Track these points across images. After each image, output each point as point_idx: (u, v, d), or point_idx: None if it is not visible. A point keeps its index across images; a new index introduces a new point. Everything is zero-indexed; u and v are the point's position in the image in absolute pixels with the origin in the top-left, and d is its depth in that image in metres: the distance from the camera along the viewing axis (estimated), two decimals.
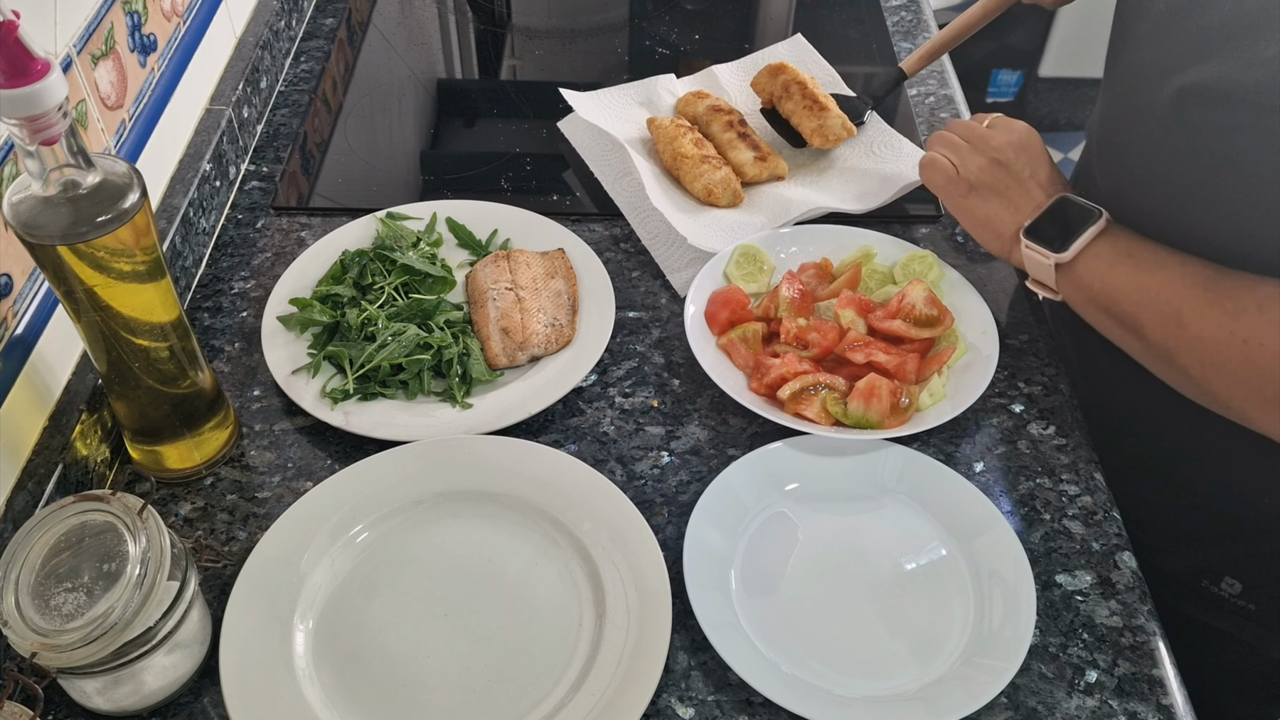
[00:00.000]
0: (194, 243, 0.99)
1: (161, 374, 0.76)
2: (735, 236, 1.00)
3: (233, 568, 0.78)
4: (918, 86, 1.24)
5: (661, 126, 1.10)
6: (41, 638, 0.61)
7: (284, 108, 1.21)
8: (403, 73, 1.28)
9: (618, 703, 0.69)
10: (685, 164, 1.06)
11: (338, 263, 0.97)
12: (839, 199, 1.05)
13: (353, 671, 0.72)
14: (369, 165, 1.14)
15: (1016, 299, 0.99)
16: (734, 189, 1.05)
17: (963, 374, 0.88)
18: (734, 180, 1.05)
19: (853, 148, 1.12)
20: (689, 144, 1.07)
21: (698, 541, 0.78)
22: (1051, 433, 0.88)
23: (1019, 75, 2.75)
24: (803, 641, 0.74)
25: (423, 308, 0.92)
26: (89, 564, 0.64)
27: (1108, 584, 0.78)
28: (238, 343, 0.95)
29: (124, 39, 0.91)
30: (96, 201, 0.65)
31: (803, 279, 0.95)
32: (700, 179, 1.05)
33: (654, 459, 0.86)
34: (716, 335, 0.92)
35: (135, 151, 0.93)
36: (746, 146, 1.08)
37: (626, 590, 0.75)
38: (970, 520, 0.80)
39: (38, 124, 0.60)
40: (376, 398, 0.88)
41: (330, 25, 1.34)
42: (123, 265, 0.68)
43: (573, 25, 1.39)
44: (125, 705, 0.69)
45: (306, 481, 0.84)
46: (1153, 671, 0.73)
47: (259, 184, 1.11)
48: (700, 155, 1.06)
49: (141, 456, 0.82)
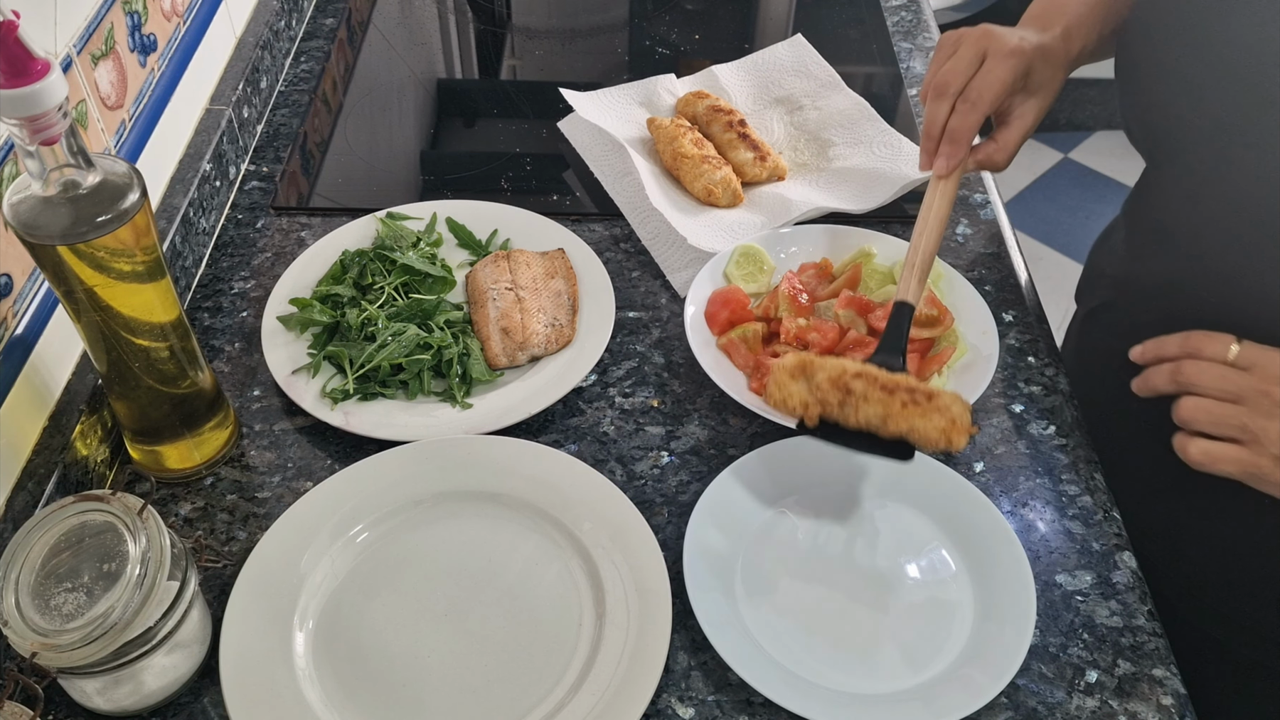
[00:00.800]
0: (194, 243, 0.99)
1: (161, 374, 0.76)
2: (735, 236, 1.00)
3: (233, 568, 0.78)
4: (918, 87, 1.24)
5: (661, 126, 1.10)
6: (41, 638, 0.61)
7: (284, 108, 1.21)
8: (403, 73, 1.28)
9: (618, 703, 0.69)
10: (685, 164, 1.06)
11: (338, 263, 0.97)
12: (839, 199, 1.05)
13: (353, 671, 0.72)
14: (369, 165, 1.14)
15: (1016, 299, 0.99)
16: (734, 189, 1.05)
17: (963, 374, 0.88)
18: (734, 180, 1.05)
19: (853, 148, 1.12)
20: (689, 144, 1.07)
21: (698, 541, 0.78)
22: (1051, 433, 0.88)
23: None
24: (803, 641, 0.74)
25: (423, 308, 0.92)
26: (89, 564, 0.64)
27: (1108, 584, 0.78)
28: (238, 343, 0.95)
29: (124, 39, 0.91)
30: (96, 201, 0.65)
31: (803, 279, 0.95)
32: (701, 179, 1.05)
33: (654, 459, 0.86)
34: (716, 335, 0.92)
35: (135, 151, 0.93)
36: (746, 147, 1.08)
37: (626, 590, 0.75)
38: (970, 520, 0.80)
39: (38, 124, 0.60)
40: (376, 398, 0.88)
41: (330, 25, 1.34)
42: (123, 265, 0.68)
43: (573, 25, 1.39)
44: (125, 705, 0.69)
45: (306, 481, 0.84)
46: (1153, 671, 0.73)
47: (259, 184, 1.11)
48: (701, 155, 1.06)
49: (141, 456, 0.82)
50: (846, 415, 0.75)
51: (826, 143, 1.13)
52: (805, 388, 0.76)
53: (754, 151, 1.07)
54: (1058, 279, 2.45)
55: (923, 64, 1.28)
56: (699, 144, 1.08)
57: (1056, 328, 1.00)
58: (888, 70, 1.27)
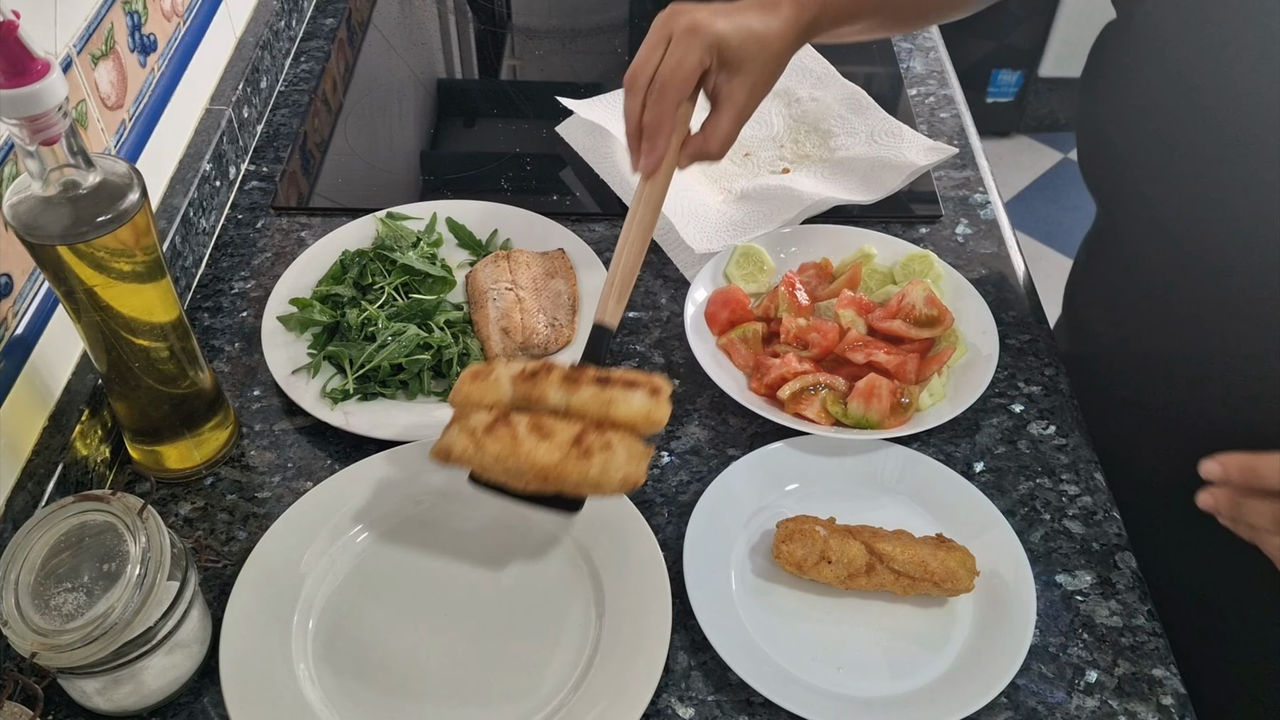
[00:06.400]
0: (194, 243, 0.99)
1: (161, 374, 0.76)
2: (739, 234, 1.00)
3: (233, 568, 0.78)
4: (918, 87, 1.24)
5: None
6: (41, 638, 0.61)
7: (284, 108, 1.21)
8: (403, 73, 1.28)
9: (618, 703, 0.69)
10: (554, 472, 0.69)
11: (338, 263, 0.97)
12: (847, 189, 1.05)
13: (353, 671, 0.72)
14: (369, 165, 1.14)
15: (1016, 299, 0.99)
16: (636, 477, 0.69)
17: (963, 374, 0.88)
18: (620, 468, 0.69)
19: (854, 137, 1.12)
20: (543, 453, 0.68)
21: (698, 541, 0.78)
22: (1051, 433, 0.88)
23: (1019, 75, 2.75)
24: (803, 641, 0.74)
25: (423, 308, 0.92)
26: (89, 564, 0.64)
27: (1108, 584, 0.78)
28: (238, 343, 0.95)
29: (124, 39, 0.91)
30: (96, 201, 0.65)
31: (803, 279, 0.95)
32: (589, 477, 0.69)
33: (654, 459, 0.86)
34: (716, 335, 0.92)
35: (135, 151, 0.93)
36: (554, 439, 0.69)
37: (626, 590, 0.75)
38: (970, 520, 0.80)
39: (38, 124, 0.60)
40: (376, 398, 0.88)
41: (330, 25, 1.34)
42: (123, 265, 0.68)
43: (573, 25, 1.39)
44: (125, 705, 0.69)
45: (306, 481, 0.84)
46: (1153, 671, 0.73)
47: (259, 184, 1.11)
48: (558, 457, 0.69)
49: (141, 456, 0.82)
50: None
51: (828, 133, 1.13)
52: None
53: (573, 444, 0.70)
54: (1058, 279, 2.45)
55: (923, 64, 1.28)
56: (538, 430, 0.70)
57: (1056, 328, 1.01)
58: (888, 70, 1.27)
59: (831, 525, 0.77)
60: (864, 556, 0.74)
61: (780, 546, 0.76)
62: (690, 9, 0.76)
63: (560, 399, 0.70)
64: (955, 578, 0.74)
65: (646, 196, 0.78)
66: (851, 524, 0.78)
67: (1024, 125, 2.90)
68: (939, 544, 0.76)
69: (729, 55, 0.76)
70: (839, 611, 0.76)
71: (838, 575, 0.75)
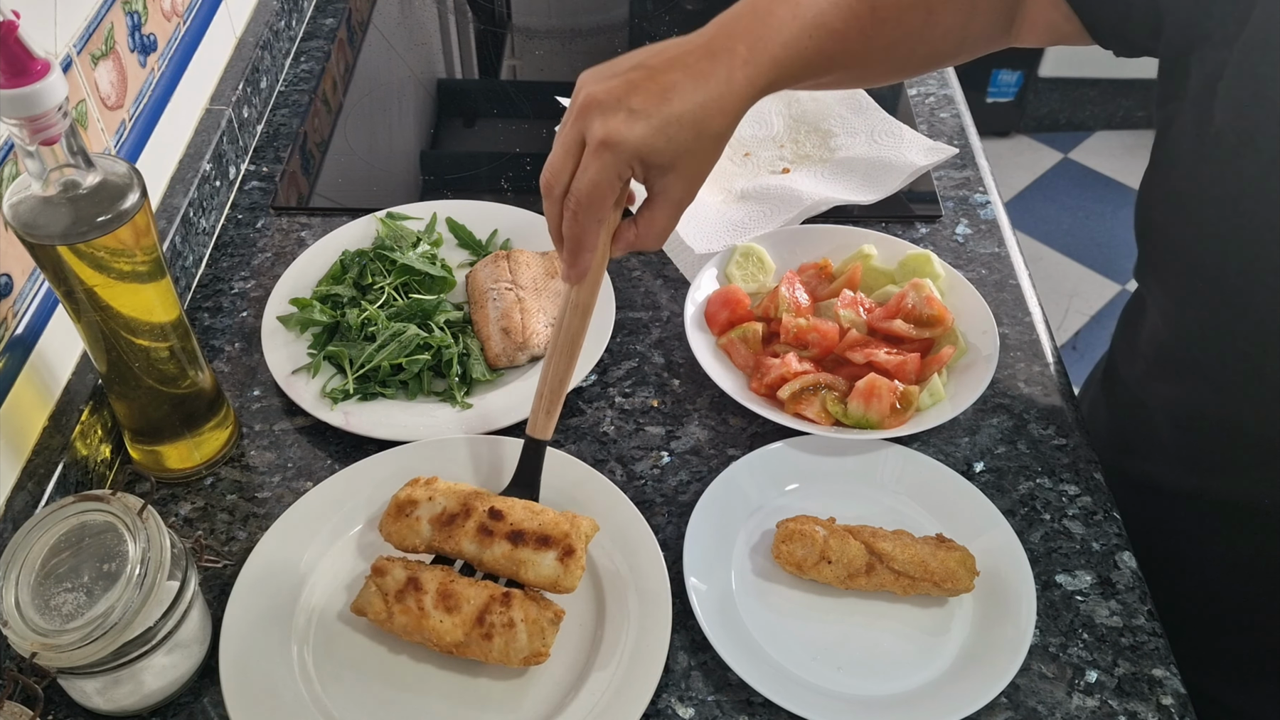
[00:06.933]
0: (194, 243, 0.99)
1: (161, 374, 0.76)
2: (739, 234, 1.00)
3: (233, 568, 0.78)
4: (917, 86, 1.24)
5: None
6: (41, 638, 0.61)
7: (284, 108, 1.21)
8: (403, 73, 1.28)
9: (618, 703, 0.69)
10: None
11: (338, 263, 0.97)
12: (848, 190, 1.05)
13: (352, 671, 0.72)
14: (369, 165, 1.14)
15: (1017, 298, 0.99)
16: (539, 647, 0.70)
17: (963, 374, 0.88)
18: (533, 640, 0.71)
19: (854, 137, 1.12)
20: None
21: (698, 542, 0.78)
22: (1051, 433, 0.88)
23: (1019, 75, 2.74)
24: (803, 641, 0.74)
25: (423, 308, 0.92)
26: (89, 564, 0.64)
27: (1108, 584, 0.78)
28: (238, 343, 0.95)
29: (124, 39, 0.91)
30: (96, 201, 0.65)
31: (803, 279, 0.95)
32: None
33: (654, 459, 0.86)
34: (716, 335, 0.92)
35: (135, 151, 0.93)
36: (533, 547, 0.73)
37: (626, 590, 0.75)
38: (970, 520, 0.80)
39: (38, 124, 0.60)
40: (376, 398, 0.88)
41: (330, 25, 1.34)
42: (123, 265, 0.68)
43: (573, 25, 1.39)
44: (125, 705, 0.69)
45: (306, 481, 0.84)
46: (1153, 671, 0.73)
47: (259, 184, 1.11)
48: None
49: (141, 456, 0.82)
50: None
51: (828, 133, 1.13)
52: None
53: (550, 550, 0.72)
54: (1058, 279, 2.46)
55: None
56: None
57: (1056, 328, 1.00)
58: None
59: (831, 525, 0.77)
60: (864, 556, 0.75)
61: (780, 546, 0.76)
62: (603, 105, 0.65)
63: (475, 551, 0.73)
64: (955, 578, 0.74)
65: (574, 302, 0.73)
66: (851, 524, 0.78)
67: (1024, 125, 2.90)
68: (939, 544, 0.76)
69: (656, 159, 0.66)
70: (839, 611, 0.76)
71: (837, 575, 0.75)
